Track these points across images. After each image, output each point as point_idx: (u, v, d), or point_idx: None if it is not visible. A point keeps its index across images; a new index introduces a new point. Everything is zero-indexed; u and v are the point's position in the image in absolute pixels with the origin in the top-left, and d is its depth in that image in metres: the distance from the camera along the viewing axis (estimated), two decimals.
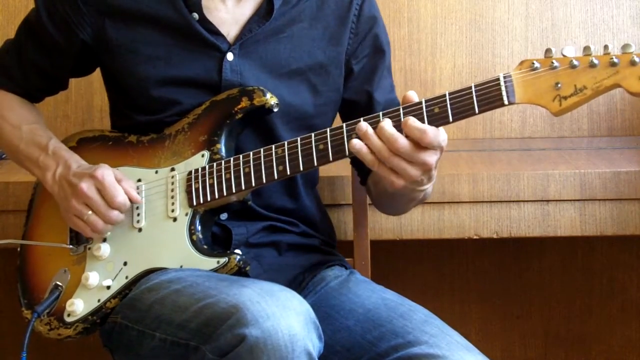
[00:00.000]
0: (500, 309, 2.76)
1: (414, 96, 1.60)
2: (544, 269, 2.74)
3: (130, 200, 1.77)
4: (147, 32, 1.82)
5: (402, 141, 1.56)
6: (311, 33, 1.86)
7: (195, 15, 1.81)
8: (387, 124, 1.57)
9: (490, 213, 2.18)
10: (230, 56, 1.81)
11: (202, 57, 1.81)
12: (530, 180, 2.17)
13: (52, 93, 2.02)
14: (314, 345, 1.50)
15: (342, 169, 2.16)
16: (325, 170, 2.05)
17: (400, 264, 2.72)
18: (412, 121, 1.56)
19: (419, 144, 1.56)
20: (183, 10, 1.81)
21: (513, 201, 2.17)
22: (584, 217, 2.17)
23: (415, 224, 2.19)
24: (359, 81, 1.91)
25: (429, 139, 1.55)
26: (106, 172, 1.75)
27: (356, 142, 1.59)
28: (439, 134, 1.56)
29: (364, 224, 2.12)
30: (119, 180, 1.76)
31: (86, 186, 1.75)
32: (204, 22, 1.81)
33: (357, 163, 1.94)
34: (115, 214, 1.76)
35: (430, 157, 1.57)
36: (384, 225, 2.19)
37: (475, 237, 2.18)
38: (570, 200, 2.17)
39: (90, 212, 1.75)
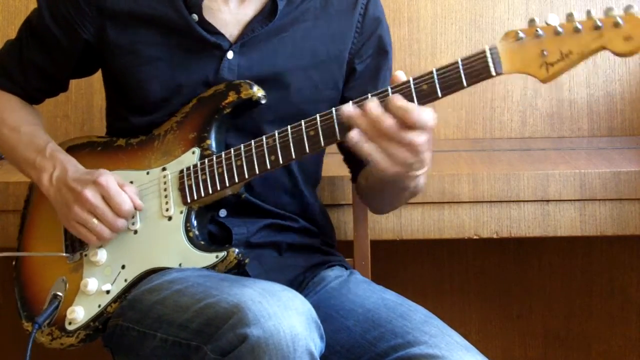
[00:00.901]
0: (500, 309, 2.76)
1: (401, 76, 1.60)
2: (544, 269, 2.74)
3: (135, 207, 1.77)
4: (147, 33, 1.82)
5: (388, 121, 1.54)
6: (314, 32, 1.86)
7: (195, 17, 1.80)
8: (373, 107, 1.56)
9: (490, 213, 2.18)
10: (230, 55, 1.81)
11: (203, 57, 1.81)
12: (530, 180, 2.17)
13: (52, 95, 2.01)
14: (316, 345, 1.50)
15: (342, 169, 2.16)
16: (325, 170, 2.05)
17: (400, 264, 2.72)
18: (396, 100, 1.55)
19: (405, 124, 1.55)
20: (183, 11, 1.81)
21: (513, 201, 2.17)
22: (584, 217, 2.17)
23: (415, 224, 2.19)
24: (361, 80, 1.91)
25: (413, 117, 1.53)
26: (110, 179, 1.75)
27: (354, 135, 1.57)
28: (422, 113, 1.54)
29: (364, 224, 2.12)
30: (122, 186, 1.76)
31: (91, 194, 1.74)
32: (204, 23, 1.80)
33: (350, 159, 1.95)
34: (121, 222, 1.76)
35: (418, 137, 1.55)
36: (384, 225, 2.19)
37: (475, 237, 2.18)
38: (570, 200, 2.17)
39: (95, 220, 1.75)
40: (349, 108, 1.59)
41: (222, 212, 1.82)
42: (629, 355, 2.76)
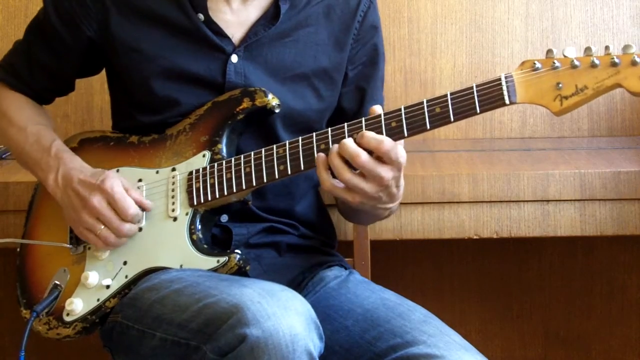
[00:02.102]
0: (500, 309, 2.76)
1: (378, 109, 1.62)
2: (544, 269, 2.74)
3: (142, 207, 1.77)
4: (151, 30, 1.82)
5: (364, 157, 1.58)
6: (316, 38, 1.86)
7: (201, 16, 1.81)
8: (349, 142, 1.59)
9: (490, 213, 2.18)
10: (234, 58, 1.81)
11: (206, 57, 1.81)
12: (530, 180, 2.16)
13: (61, 94, 2.02)
14: (315, 345, 1.50)
15: None
16: None
17: (400, 264, 2.72)
18: (369, 133, 1.58)
19: (377, 157, 1.58)
20: (189, 10, 1.81)
21: (513, 201, 2.17)
22: (584, 217, 2.17)
23: (415, 224, 2.19)
24: (352, 87, 1.92)
25: (384, 148, 1.56)
26: (115, 183, 1.74)
27: (320, 160, 1.62)
28: (396, 147, 1.57)
29: None
30: (127, 190, 1.76)
31: (97, 200, 1.74)
32: (210, 23, 1.81)
33: None
34: (127, 227, 1.75)
35: (386, 172, 1.58)
36: (384, 225, 2.19)
37: (475, 237, 2.18)
38: (570, 200, 2.17)
39: (102, 227, 1.75)
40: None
41: (224, 217, 1.83)
42: (629, 355, 2.76)
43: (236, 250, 1.71)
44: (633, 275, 2.73)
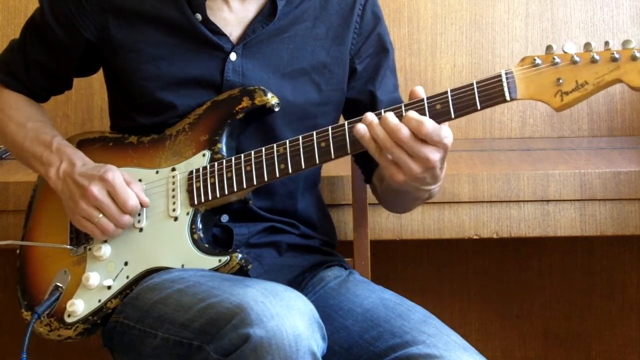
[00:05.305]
0: (500, 309, 2.76)
1: (421, 91, 1.60)
2: (544, 269, 2.74)
3: (141, 203, 1.77)
4: (150, 32, 1.82)
5: (404, 131, 1.55)
6: (314, 33, 1.86)
7: (199, 16, 1.81)
8: (390, 115, 1.57)
9: (490, 213, 2.18)
10: (233, 56, 1.81)
11: (205, 57, 1.81)
12: (530, 180, 2.17)
13: (57, 92, 2.02)
14: (318, 345, 1.50)
15: (342, 169, 2.16)
16: (325, 170, 2.05)
17: (400, 264, 2.72)
18: (411, 113, 1.56)
19: (418, 136, 1.56)
20: (186, 10, 1.81)
21: (513, 201, 2.17)
22: (584, 217, 2.17)
23: (415, 224, 2.19)
24: (362, 80, 1.91)
25: (425, 130, 1.54)
26: (116, 175, 1.75)
27: (361, 127, 1.59)
28: (440, 130, 1.55)
29: (364, 224, 2.12)
30: (128, 183, 1.76)
31: (96, 189, 1.74)
32: (207, 22, 1.81)
33: (361, 161, 1.95)
34: (126, 218, 1.76)
35: (432, 154, 1.56)
36: (384, 225, 2.19)
37: (475, 237, 2.18)
38: (570, 200, 2.17)
39: (100, 215, 1.75)
40: (368, 115, 1.59)
41: (224, 218, 1.82)
42: (629, 355, 2.76)
43: (237, 250, 1.71)
44: (633, 275, 2.73)
